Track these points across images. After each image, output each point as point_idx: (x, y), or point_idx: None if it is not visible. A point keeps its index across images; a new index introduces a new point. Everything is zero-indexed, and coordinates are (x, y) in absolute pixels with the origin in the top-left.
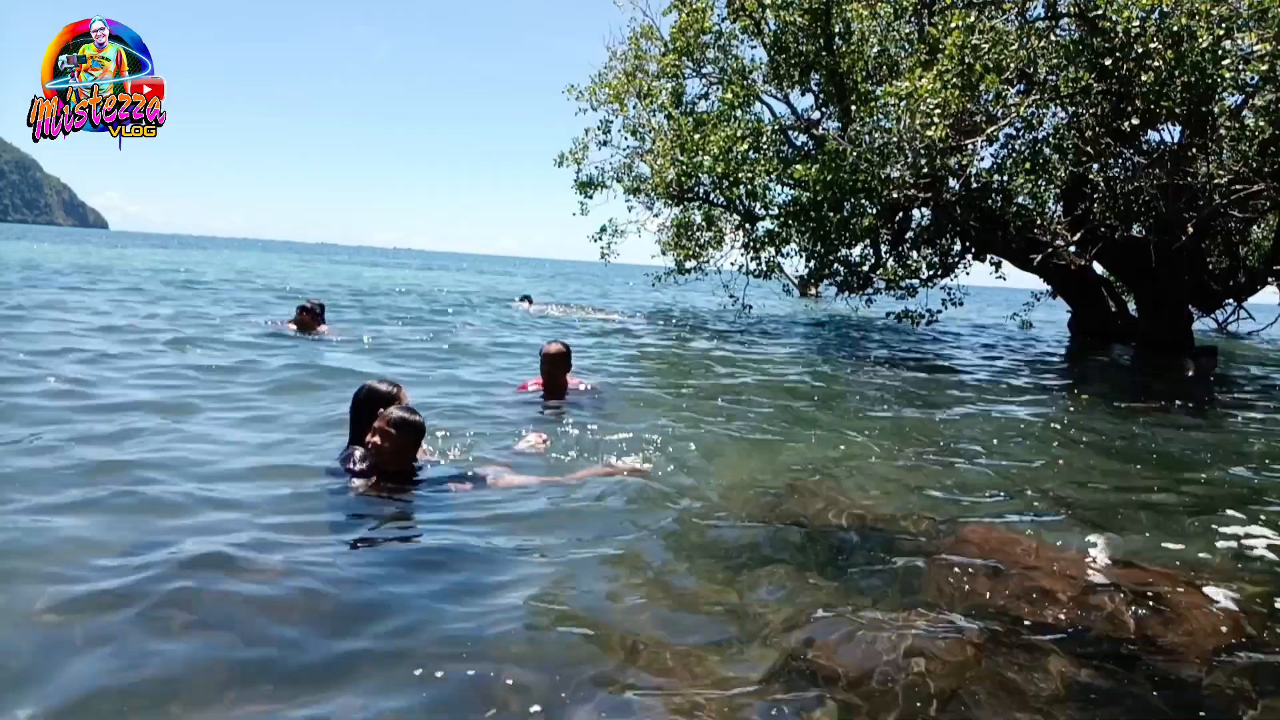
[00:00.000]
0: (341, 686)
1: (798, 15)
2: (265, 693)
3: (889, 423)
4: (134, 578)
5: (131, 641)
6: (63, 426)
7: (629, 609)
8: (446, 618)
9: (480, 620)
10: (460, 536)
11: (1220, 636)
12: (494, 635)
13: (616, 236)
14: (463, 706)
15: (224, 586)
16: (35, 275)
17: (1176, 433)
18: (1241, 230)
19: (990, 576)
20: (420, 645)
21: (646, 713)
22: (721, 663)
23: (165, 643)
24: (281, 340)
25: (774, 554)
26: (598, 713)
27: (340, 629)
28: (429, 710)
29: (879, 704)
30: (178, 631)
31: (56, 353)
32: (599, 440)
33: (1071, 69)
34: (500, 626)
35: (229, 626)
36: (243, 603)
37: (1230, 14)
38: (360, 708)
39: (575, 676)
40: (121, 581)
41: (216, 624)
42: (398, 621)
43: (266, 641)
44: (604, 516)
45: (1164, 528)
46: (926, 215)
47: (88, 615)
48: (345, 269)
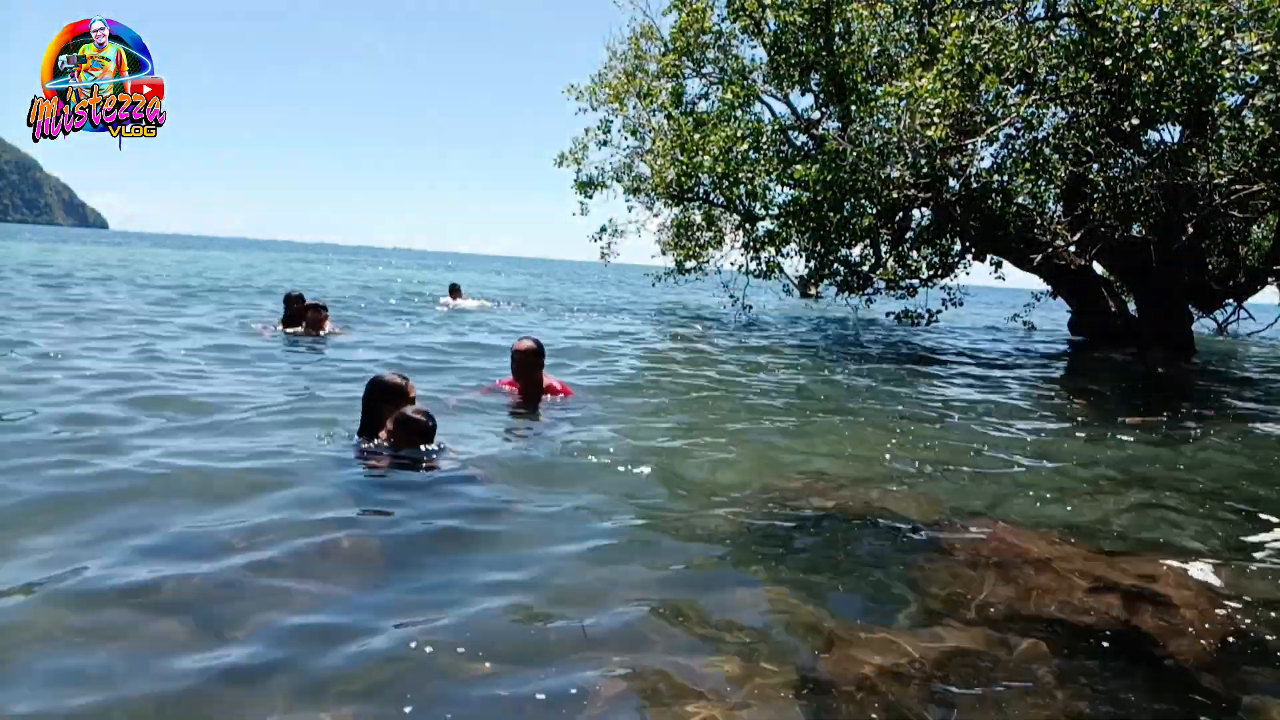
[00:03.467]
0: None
1: (798, 15)
2: (268, 688)
3: (888, 421)
4: (135, 567)
5: (134, 634)
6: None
7: (628, 608)
8: (426, 608)
9: (470, 616)
10: (459, 526)
11: (1222, 634)
12: (481, 631)
13: (616, 236)
14: (449, 704)
15: (228, 566)
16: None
17: (1176, 433)
18: (1241, 230)
19: (993, 572)
20: (388, 646)
21: (646, 712)
22: (721, 663)
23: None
24: (298, 343)
25: (775, 552)
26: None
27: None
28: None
29: (879, 703)
30: (180, 619)
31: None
32: (584, 443)
33: (1071, 69)
34: (484, 620)
35: (231, 608)
36: (240, 583)
37: (1230, 14)
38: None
39: (571, 679)
40: (119, 572)
41: (217, 606)
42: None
43: (267, 627)
44: (603, 516)
45: (1164, 526)
46: (926, 215)
47: (83, 608)
48: (349, 269)
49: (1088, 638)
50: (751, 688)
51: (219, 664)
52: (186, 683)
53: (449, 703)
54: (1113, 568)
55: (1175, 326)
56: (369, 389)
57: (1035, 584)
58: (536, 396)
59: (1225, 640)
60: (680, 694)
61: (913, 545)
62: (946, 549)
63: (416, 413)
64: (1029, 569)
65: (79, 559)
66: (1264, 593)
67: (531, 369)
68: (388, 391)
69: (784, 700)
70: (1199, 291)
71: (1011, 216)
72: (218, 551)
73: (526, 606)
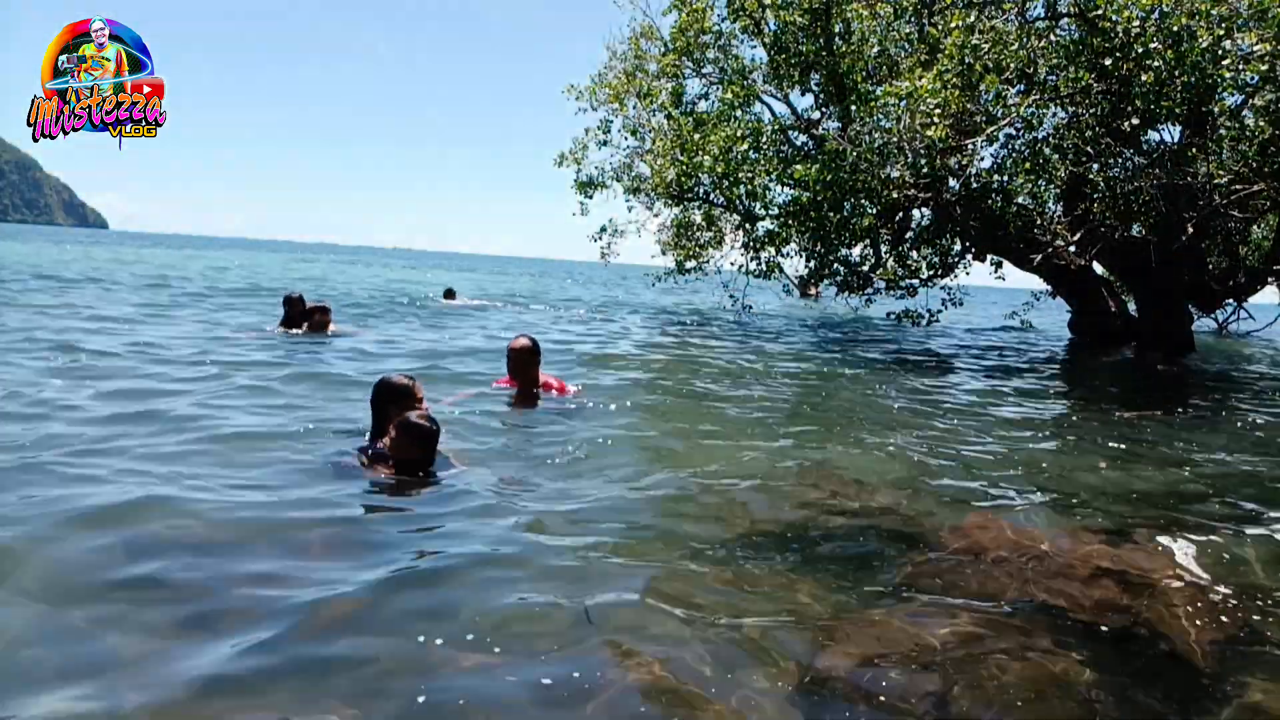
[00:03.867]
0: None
1: (798, 15)
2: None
3: (888, 420)
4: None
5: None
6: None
7: (626, 602)
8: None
9: (472, 610)
10: (458, 523)
11: (1220, 627)
12: (481, 625)
13: (616, 236)
14: (453, 694)
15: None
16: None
17: (1174, 431)
18: (1241, 230)
19: (992, 566)
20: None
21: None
22: (720, 663)
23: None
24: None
25: (774, 547)
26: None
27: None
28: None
29: (879, 696)
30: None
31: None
32: (581, 440)
33: (1071, 69)
34: (485, 614)
35: (227, 605)
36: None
37: (1230, 14)
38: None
39: (572, 672)
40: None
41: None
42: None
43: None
44: (601, 513)
45: (1163, 521)
46: (926, 215)
47: (86, 601)
48: (368, 270)
49: (1087, 630)
50: (751, 681)
51: (218, 659)
52: (188, 678)
53: (453, 693)
54: (1112, 561)
55: (1175, 326)
56: (376, 390)
57: (1034, 578)
58: (534, 394)
59: (1223, 633)
60: (680, 689)
61: (912, 540)
62: (946, 543)
63: (420, 418)
64: (1028, 563)
65: (79, 557)
66: (1262, 586)
67: (528, 366)
68: (394, 392)
69: (784, 693)
70: (1199, 291)
71: (1011, 216)
72: (214, 550)
73: (527, 602)
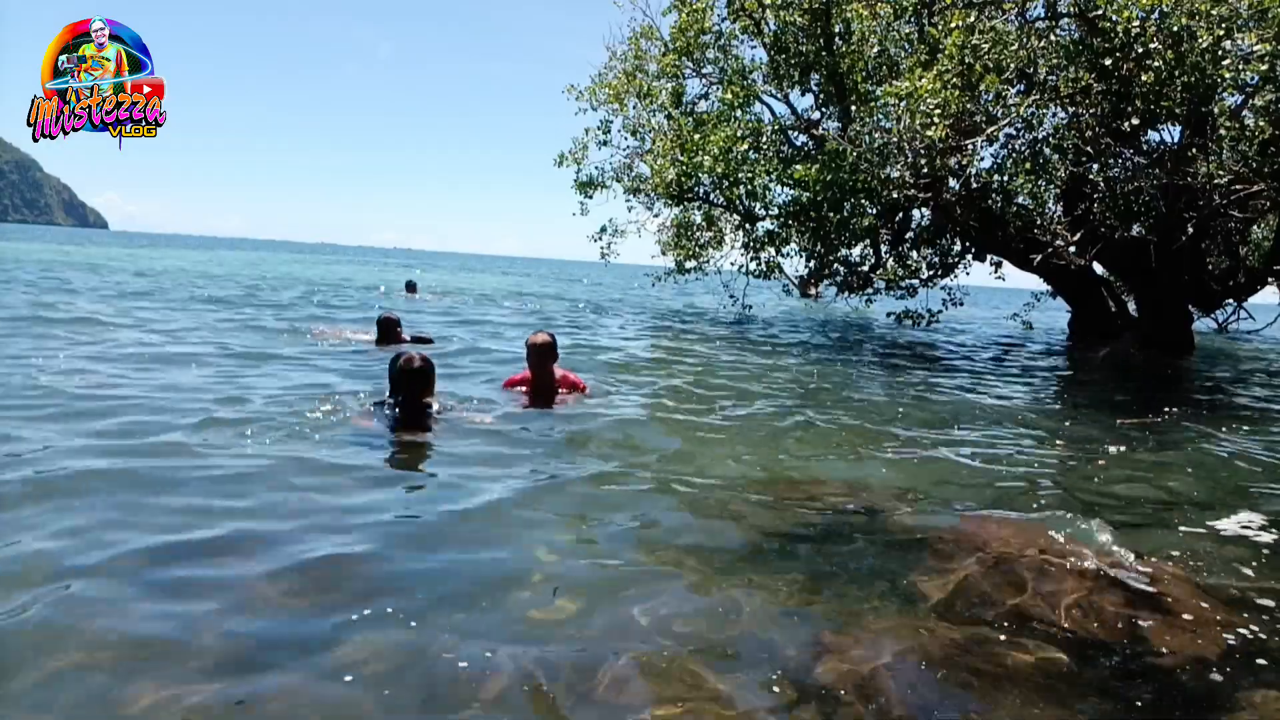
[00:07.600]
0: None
1: (798, 15)
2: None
3: (888, 420)
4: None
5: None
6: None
7: (622, 608)
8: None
9: (474, 605)
10: (466, 516)
11: (1220, 632)
12: (482, 621)
13: (616, 236)
14: (455, 688)
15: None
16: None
17: (1173, 431)
18: (1241, 230)
19: (992, 571)
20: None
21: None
22: (719, 664)
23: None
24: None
25: (774, 550)
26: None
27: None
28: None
29: (877, 701)
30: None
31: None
32: (590, 436)
33: (1071, 69)
34: (487, 610)
35: (234, 594)
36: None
37: (1230, 14)
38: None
39: (573, 665)
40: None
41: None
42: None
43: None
44: (606, 510)
45: (1161, 523)
46: (926, 215)
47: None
48: (349, 269)
49: (1087, 636)
50: (749, 684)
51: (227, 649)
52: (194, 669)
53: (456, 685)
54: (1111, 566)
55: (1175, 327)
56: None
57: (1034, 582)
58: (549, 389)
59: (1224, 638)
60: (679, 687)
61: (911, 544)
62: (945, 548)
63: (407, 359)
64: (1028, 568)
65: (78, 553)
66: (1263, 590)
67: (545, 360)
68: (392, 366)
69: (781, 699)
70: (1199, 291)
71: (1011, 216)
72: (229, 532)
73: (527, 597)
